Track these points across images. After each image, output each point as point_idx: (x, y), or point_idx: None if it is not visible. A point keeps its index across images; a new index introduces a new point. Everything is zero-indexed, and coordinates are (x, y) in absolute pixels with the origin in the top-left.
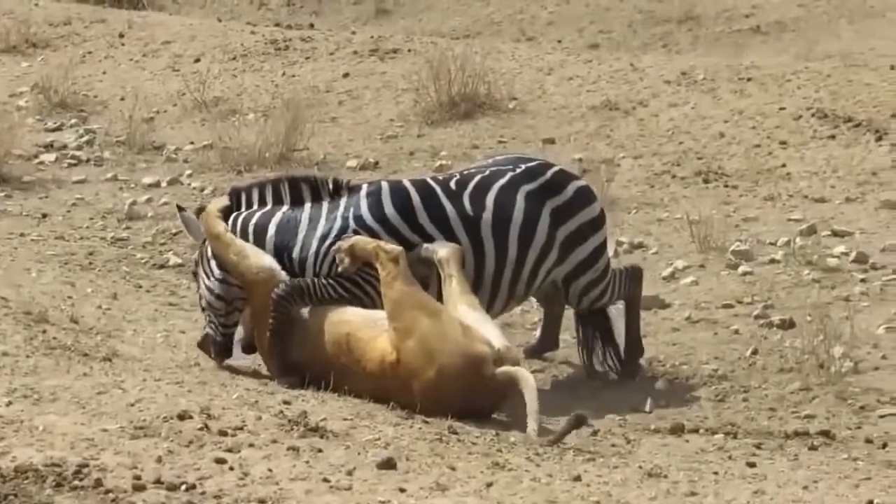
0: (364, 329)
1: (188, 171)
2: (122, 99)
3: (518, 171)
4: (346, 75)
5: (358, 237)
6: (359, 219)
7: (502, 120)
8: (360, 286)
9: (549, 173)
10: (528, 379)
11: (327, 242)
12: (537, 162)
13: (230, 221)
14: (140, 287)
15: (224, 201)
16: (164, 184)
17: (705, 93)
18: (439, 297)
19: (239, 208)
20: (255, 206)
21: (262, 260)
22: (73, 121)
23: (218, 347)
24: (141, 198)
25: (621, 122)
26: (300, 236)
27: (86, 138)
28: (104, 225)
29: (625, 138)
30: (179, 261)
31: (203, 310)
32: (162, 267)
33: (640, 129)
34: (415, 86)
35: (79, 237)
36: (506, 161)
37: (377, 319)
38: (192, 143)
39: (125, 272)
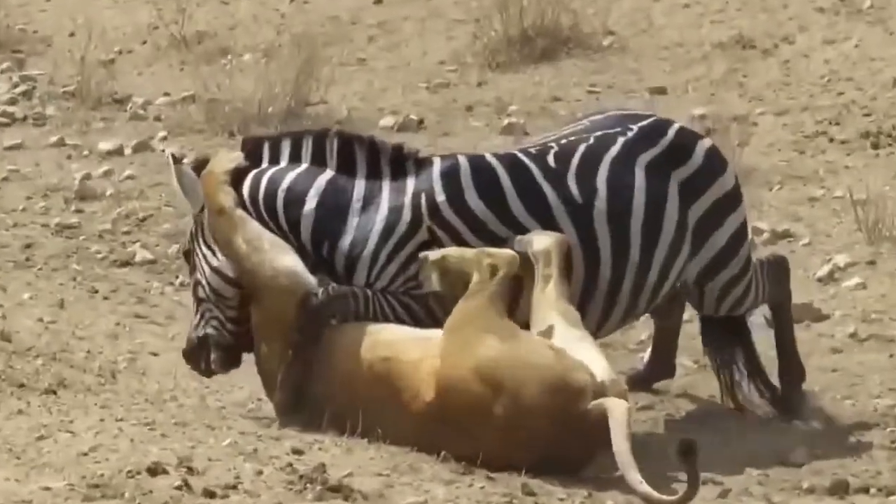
0: (410, 351)
1: (161, 133)
2: (72, 35)
3: (631, 133)
4: (378, 1)
5: (453, 249)
6: (433, 210)
7: (594, 62)
8: (424, 305)
9: (671, 132)
10: (619, 407)
11: (391, 242)
12: (651, 118)
13: (247, 183)
14: (96, 292)
15: (236, 157)
16: (128, 150)
17: (872, 24)
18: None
19: (254, 165)
20: (285, 165)
21: (284, 258)
22: (4, 65)
23: (222, 352)
24: (97, 170)
25: (758, 66)
26: (351, 222)
27: (21, 88)
28: (46, 207)
29: (763, 87)
30: (149, 256)
31: (200, 301)
32: (126, 264)
33: (785, 75)
34: (473, 16)
35: (11, 223)
36: (608, 121)
37: (428, 338)
38: (166, 94)
39: (75, 272)
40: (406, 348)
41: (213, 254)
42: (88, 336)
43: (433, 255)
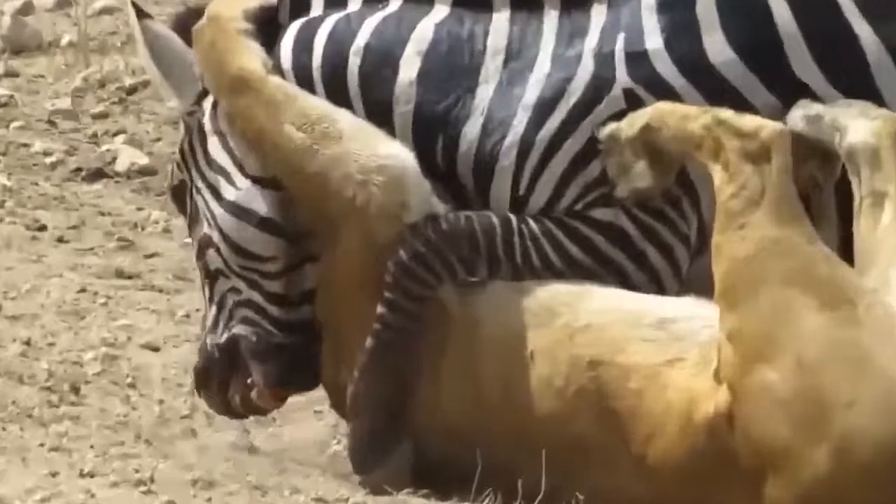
0: (638, 345)
1: None
2: None
3: None
4: None
5: (661, 105)
6: (638, 59)
7: None
8: (635, 237)
9: None
10: None
11: (556, 120)
12: None
13: (288, 39)
14: (41, 229)
15: None
16: None
17: None
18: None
19: (300, 9)
20: (356, 4)
21: (378, 145)
22: None
23: (270, 364)
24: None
25: None
26: (482, 93)
27: None
28: None
29: None
30: (140, 159)
31: (213, 277)
32: (97, 176)
33: None
34: None
35: None
36: None
37: (676, 320)
38: None
39: (3, 190)
40: (629, 336)
41: (231, 179)
42: (29, 314)
43: (628, 126)
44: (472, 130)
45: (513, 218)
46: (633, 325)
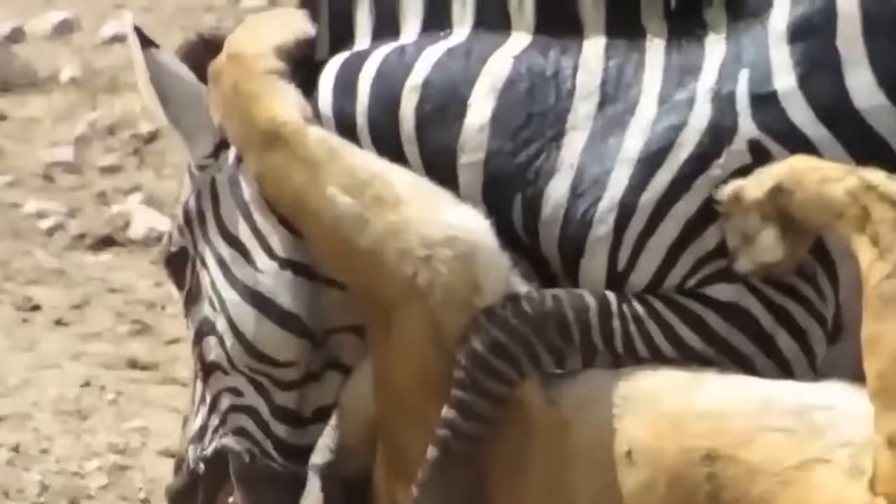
0: (768, 437)
1: None
2: None
3: None
4: None
5: (795, 161)
6: (764, 103)
7: None
8: (762, 319)
9: None
10: None
11: (664, 179)
12: None
13: (330, 77)
14: (28, 314)
15: (294, 23)
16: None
17: None
18: None
19: (342, 42)
20: (400, 37)
21: (443, 213)
22: None
23: (259, 487)
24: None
25: None
26: (570, 146)
27: None
28: None
29: None
30: (140, 229)
31: (209, 371)
32: (100, 247)
33: None
34: None
35: None
36: None
37: (816, 408)
38: None
39: None
40: (756, 429)
41: (250, 258)
42: (19, 413)
43: (754, 186)
44: (557, 190)
45: (611, 296)
46: (762, 412)
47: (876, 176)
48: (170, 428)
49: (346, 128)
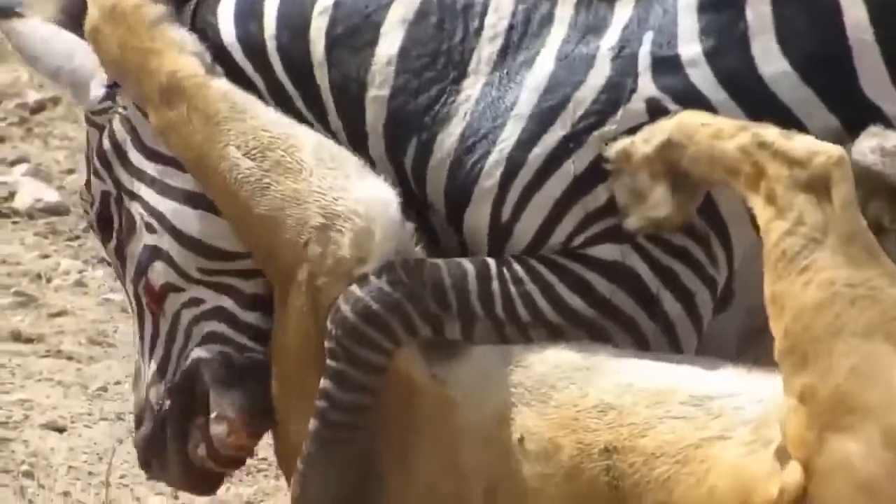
0: (666, 424)
1: None
2: None
3: None
4: None
5: (686, 116)
6: (665, 62)
7: None
8: (648, 280)
9: None
10: None
11: (555, 134)
12: None
13: (224, 7)
14: None
15: None
16: None
17: None
18: None
19: None
20: None
21: (349, 180)
22: None
23: (239, 381)
24: None
25: None
26: (466, 92)
27: None
28: None
29: None
30: (51, 196)
31: (158, 300)
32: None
33: None
34: None
35: None
36: None
37: (714, 397)
38: None
39: None
40: (654, 419)
41: (177, 164)
42: None
43: (644, 141)
44: (449, 139)
45: (491, 262)
46: (661, 403)
47: (769, 132)
48: (53, 401)
49: (254, 54)
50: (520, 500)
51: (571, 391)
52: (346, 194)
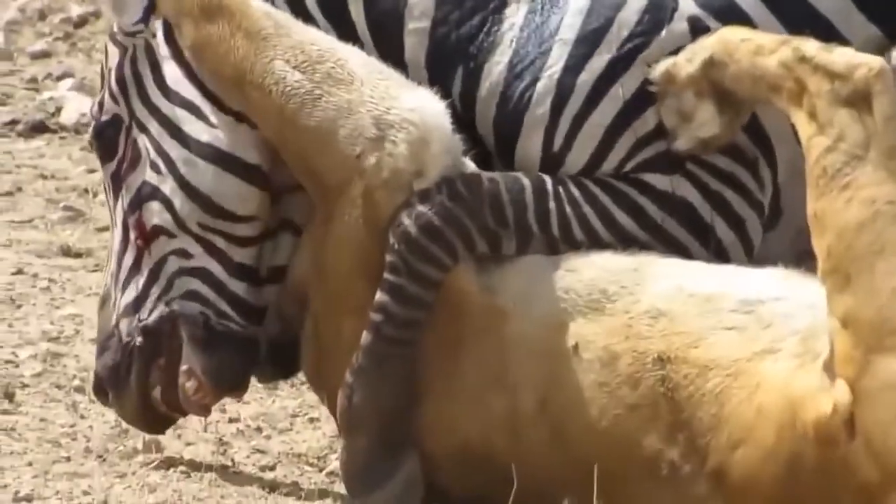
0: (717, 335)
1: None
2: None
3: None
4: None
5: (727, 33)
6: None
7: None
8: (701, 209)
9: None
10: None
11: (601, 59)
12: None
13: None
14: None
15: None
16: None
17: None
18: None
19: None
20: None
21: (399, 90)
22: None
23: (216, 349)
24: None
25: None
26: (510, 23)
27: None
28: None
29: None
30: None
31: (147, 238)
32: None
33: None
34: None
35: None
36: None
37: (763, 301)
38: None
39: None
40: (705, 328)
41: (201, 114)
42: None
43: (686, 61)
44: (497, 67)
45: (548, 179)
46: (711, 311)
47: (809, 46)
48: None
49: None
50: (574, 410)
51: (622, 296)
52: (399, 103)
